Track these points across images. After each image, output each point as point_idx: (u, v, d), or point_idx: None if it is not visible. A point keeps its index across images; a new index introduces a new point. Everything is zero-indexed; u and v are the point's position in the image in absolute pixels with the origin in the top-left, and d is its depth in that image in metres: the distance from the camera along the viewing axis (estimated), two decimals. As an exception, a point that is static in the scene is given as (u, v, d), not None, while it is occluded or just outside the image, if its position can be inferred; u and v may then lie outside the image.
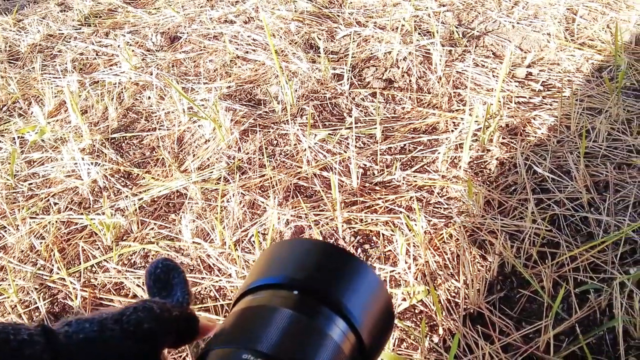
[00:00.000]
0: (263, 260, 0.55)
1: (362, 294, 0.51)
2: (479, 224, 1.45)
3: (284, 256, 0.54)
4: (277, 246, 0.56)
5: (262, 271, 0.53)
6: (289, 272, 0.51)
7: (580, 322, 1.26)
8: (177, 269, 0.55)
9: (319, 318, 0.47)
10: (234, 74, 2.06)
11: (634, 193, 1.46)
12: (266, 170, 1.66)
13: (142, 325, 0.48)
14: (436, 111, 1.84)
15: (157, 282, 0.55)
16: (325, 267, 0.52)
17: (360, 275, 0.52)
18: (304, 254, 0.54)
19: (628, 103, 1.77)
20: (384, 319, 0.53)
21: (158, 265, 0.55)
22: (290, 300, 0.48)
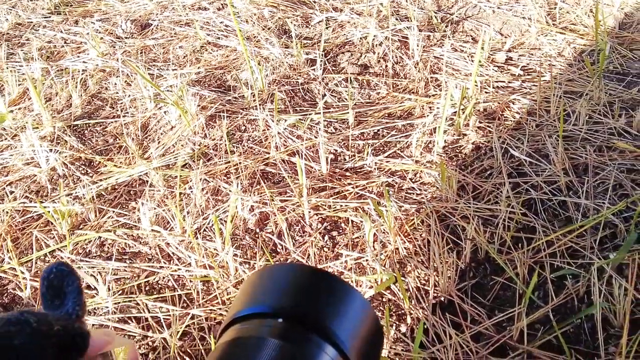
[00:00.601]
0: (249, 287, 0.53)
1: (350, 319, 0.50)
2: (451, 209, 1.38)
3: (269, 283, 0.52)
4: (262, 272, 0.54)
5: (248, 299, 0.51)
6: (275, 299, 0.50)
7: (557, 310, 1.19)
8: (71, 275, 0.52)
9: (307, 346, 0.46)
10: (204, 60, 1.98)
11: (614, 175, 1.39)
12: (233, 156, 1.59)
13: (12, 340, 0.44)
14: (412, 96, 1.77)
15: (50, 289, 0.51)
16: (311, 292, 0.50)
17: (347, 299, 0.50)
18: (290, 279, 0.52)
19: (610, 87, 1.70)
20: (373, 342, 0.52)
21: (52, 270, 0.51)
22: (278, 329, 0.47)
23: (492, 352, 1.12)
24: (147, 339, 1.22)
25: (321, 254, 1.33)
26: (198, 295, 1.28)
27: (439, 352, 1.12)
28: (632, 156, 1.46)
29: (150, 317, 1.25)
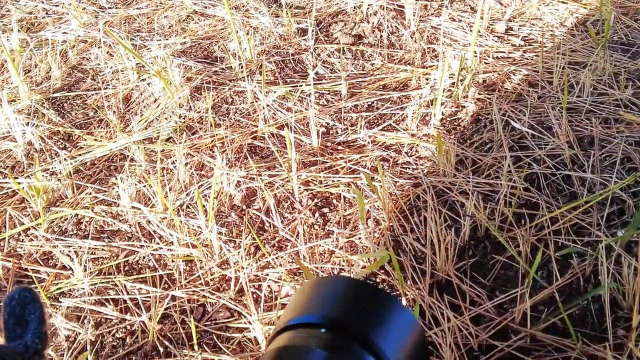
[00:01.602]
0: (299, 298, 0.54)
1: (396, 333, 0.50)
2: (449, 184, 1.30)
3: (319, 294, 0.53)
4: (313, 283, 0.54)
5: (298, 309, 0.52)
6: (323, 310, 0.50)
7: (562, 291, 1.11)
8: (34, 303, 0.49)
9: (350, 357, 0.46)
10: (190, 30, 1.89)
11: (622, 148, 1.32)
12: (219, 129, 1.50)
13: None
14: (408, 67, 1.68)
15: (12, 317, 0.48)
16: (357, 304, 0.50)
17: (394, 314, 0.50)
18: (339, 292, 0.52)
19: (615, 57, 1.62)
20: (418, 356, 0.51)
21: (14, 296, 0.49)
22: (324, 340, 0.47)
23: (493, 335, 1.05)
24: (124, 322, 1.14)
25: (311, 231, 1.26)
26: (180, 275, 1.21)
27: (436, 335, 1.05)
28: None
29: (129, 299, 1.18)
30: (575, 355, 1.01)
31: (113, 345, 1.11)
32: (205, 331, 1.11)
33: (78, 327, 1.14)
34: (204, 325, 1.12)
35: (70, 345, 1.12)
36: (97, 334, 1.13)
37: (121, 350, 1.10)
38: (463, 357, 1.02)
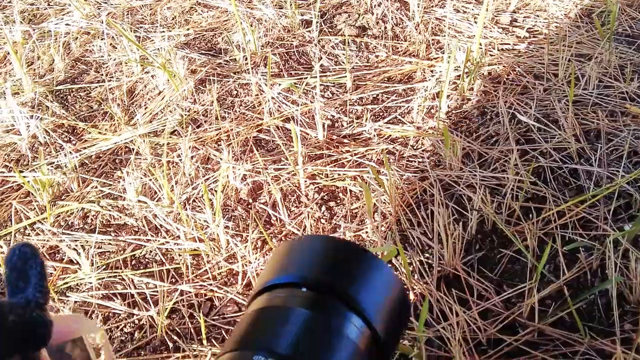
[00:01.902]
0: (276, 258, 0.53)
1: (377, 290, 0.50)
2: (456, 177, 1.30)
3: (297, 254, 0.52)
4: (290, 243, 0.54)
5: (276, 269, 0.51)
6: (302, 270, 0.50)
7: (569, 285, 1.11)
8: (35, 257, 0.48)
9: (334, 316, 0.46)
10: (194, 22, 1.88)
11: (629, 141, 1.31)
12: (224, 122, 1.50)
13: None
14: (413, 59, 1.68)
15: (14, 271, 0.47)
16: (338, 263, 0.51)
17: (373, 270, 0.50)
18: (318, 250, 0.52)
19: (620, 49, 1.61)
20: (399, 312, 0.52)
21: (15, 252, 0.48)
22: (304, 299, 0.47)
23: (500, 329, 1.05)
24: (133, 316, 1.15)
25: (318, 225, 1.26)
26: (187, 269, 1.21)
27: (444, 330, 1.05)
28: (646, 122, 1.38)
29: (137, 294, 1.18)
30: (583, 349, 1.01)
31: (122, 340, 1.12)
32: (213, 325, 1.11)
33: (86, 321, 1.14)
34: (212, 320, 1.12)
35: (79, 339, 1.12)
36: (105, 328, 1.13)
37: (130, 345, 1.10)
38: (471, 351, 1.02)
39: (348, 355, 0.45)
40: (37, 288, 0.47)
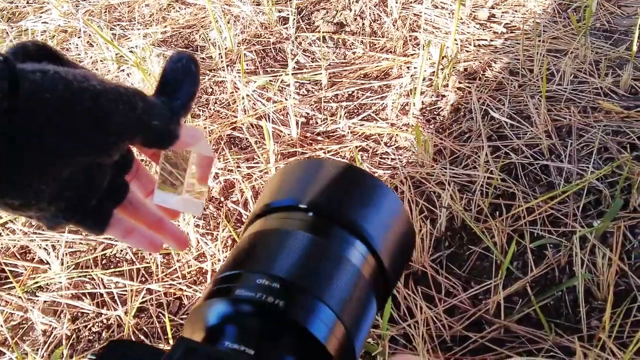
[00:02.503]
0: (277, 181, 0.51)
1: (381, 216, 0.48)
2: (427, 174, 1.30)
3: (298, 177, 0.51)
4: (291, 167, 0.52)
5: (276, 192, 0.50)
6: (304, 193, 0.48)
7: (537, 282, 1.12)
8: (195, 75, 0.49)
9: (336, 241, 0.45)
10: (171, 19, 1.88)
11: (599, 138, 1.32)
12: (198, 120, 1.50)
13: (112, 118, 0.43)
14: (390, 56, 1.67)
15: (172, 74, 0.48)
16: (342, 187, 0.49)
17: (379, 196, 0.49)
18: (320, 174, 0.50)
19: (597, 44, 1.61)
20: (404, 241, 0.50)
21: (182, 59, 0.49)
22: (306, 222, 0.46)
23: (467, 327, 1.06)
24: (101, 316, 1.15)
25: (288, 223, 1.25)
26: (157, 268, 1.21)
27: (410, 327, 1.05)
28: (618, 117, 1.38)
29: (105, 293, 1.18)
30: (547, 346, 1.02)
31: (89, 339, 1.12)
32: (181, 324, 1.11)
33: (54, 321, 1.14)
34: (180, 319, 1.12)
35: (47, 339, 1.12)
36: (73, 328, 1.13)
37: (97, 345, 1.10)
38: (436, 348, 1.02)
39: (351, 280, 0.43)
40: (185, 103, 0.48)
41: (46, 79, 0.41)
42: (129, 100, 0.44)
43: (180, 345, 0.36)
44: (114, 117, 0.43)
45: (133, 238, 0.52)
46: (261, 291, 0.40)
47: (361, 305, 0.44)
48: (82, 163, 0.44)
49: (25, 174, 0.41)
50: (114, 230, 0.51)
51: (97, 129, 0.42)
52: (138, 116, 0.44)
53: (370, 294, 0.45)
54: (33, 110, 0.40)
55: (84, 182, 0.46)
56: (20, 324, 1.14)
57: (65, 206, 0.46)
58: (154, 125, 0.46)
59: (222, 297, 0.41)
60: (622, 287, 1.10)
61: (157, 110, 0.47)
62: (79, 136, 0.42)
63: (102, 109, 0.42)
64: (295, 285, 0.41)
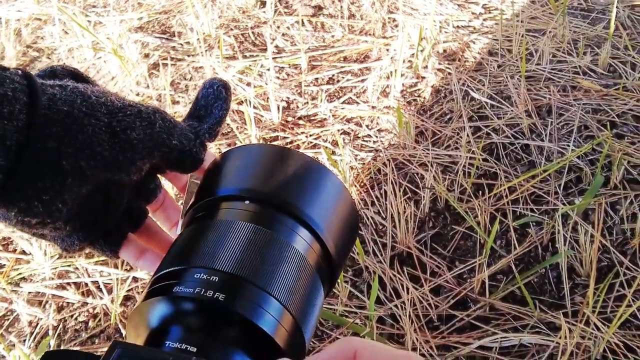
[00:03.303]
0: (214, 171, 0.50)
1: (324, 200, 0.47)
2: (409, 156, 1.30)
3: (235, 164, 0.49)
4: (229, 153, 0.50)
5: (214, 182, 0.48)
6: (243, 181, 0.47)
7: (520, 259, 1.13)
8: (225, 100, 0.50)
9: (279, 228, 0.44)
10: (147, 5, 1.86)
11: (579, 116, 1.33)
12: (178, 106, 1.49)
13: (129, 133, 0.43)
14: (369, 38, 1.67)
15: (203, 99, 0.50)
16: (282, 173, 0.48)
17: (320, 180, 0.48)
18: (258, 160, 0.49)
19: (575, 24, 1.63)
20: (349, 225, 0.49)
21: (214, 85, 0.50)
22: (246, 211, 0.44)
23: (452, 305, 1.07)
24: (87, 305, 1.14)
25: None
26: (141, 256, 1.20)
27: (397, 307, 1.06)
28: (597, 96, 1.40)
29: (90, 282, 1.17)
30: (532, 322, 1.03)
31: (76, 329, 1.11)
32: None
33: (40, 312, 1.13)
34: (167, 306, 1.12)
35: (33, 330, 1.11)
36: (59, 318, 1.12)
37: (84, 334, 1.10)
38: (423, 328, 1.03)
39: (296, 268, 0.42)
40: (211, 128, 0.49)
41: (65, 94, 0.41)
42: (148, 118, 0.45)
43: (114, 350, 0.34)
44: (132, 134, 0.43)
45: (146, 260, 0.51)
46: (200, 286, 0.39)
47: (308, 292, 0.43)
48: (100, 181, 0.43)
49: (43, 191, 0.40)
50: (127, 252, 0.51)
51: (114, 145, 0.42)
52: (157, 133, 0.45)
53: (317, 281, 0.44)
54: (51, 124, 0.40)
55: (100, 203, 0.46)
56: (5, 316, 1.13)
57: (80, 226, 0.45)
58: (174, 145, 0.46)
59: (162, 296, 0.39)
60: (605, 263, 1.12)
61: (178, 131, 0.47)
62: (95, 151, 0.42)
63: (119, 124, 0.43)
64: (236, 277, 0.40)
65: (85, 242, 0.47)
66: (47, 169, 0.40)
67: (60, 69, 0.47)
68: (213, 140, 0.49)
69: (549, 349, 0.99)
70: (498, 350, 1.00)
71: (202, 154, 0.49)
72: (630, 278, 1.09)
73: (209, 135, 0.49)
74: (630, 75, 1.45)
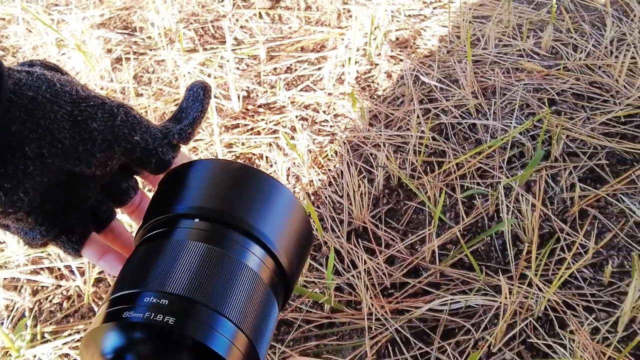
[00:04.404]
0: (163, 187, 0.49)
1: (276, 214, 0.47)
2: (364, 138, 1.38)
3: (185, 181, 0.48)
4: (177, 171, 0.49)
5: (163, 201, 0.47)
6: (192, 198, 0.46)
7: (468, 230, 1.21)
8: (202, 102, 0.49)
9: (231, 246, 0.43)
10: (108, 2, 1.91)
11: (520, 95, 1.42)
12: (142, 99, 1.54)
13: (89, 124, 0.43)
14: (324, 28, 1.74)
15: (184, 101, 0.50)
16: (233, 189, 0.46)
17: (272, 195, 0.47)
18: (208, 176, 0.48)
19: (519, 9, 1.71)
20: (302, 237, 0.49)
21: (195, 88, 0.50)
22: (196, 230, 0.44)
23: (405, 274, 1.15)
24: (60, 288, 1.20)
25: (235, 191, 1.32)
26: (112, 241, 1.26)
27: (354, 277, 1.13)
28: (539, 76, 1.49)
29: (63, 267, 1.22)
30: (479, 285, 1.11)
31: (51, 310, 1.17)
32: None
33: (16, 296, 1.18)
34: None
35: (10, 313, 1.16)
36: (34, 300, 1.18)
37: (59, 315, 1.15)
38: (378, 295, 1.11)
39: (249, 286, 0.42)
40: (183, 129, 0.48)
41: (31, 79, 0.42)
42: (110, 110, 0.44)
43: None
44: (92, 124, 0.43)
45: (107, 261, 0.51)
46: (150, 310, 0.38)
47: (262, 310, 0.43)
48: (61, 171, 0.43)
49: (5, 178, 0.40)
50: (90, 250, 0.50)
51: (74, 134, 0.42)
52: (117, 127, 0.44)
53: (270, 297, 0.44)
54: (15, 108, 0.40)
55: (63, 196, 0.45)
56: (-19, 301, 1.19)
57: (42, 219, 0.45)
58: (136, 141, 0.45)
59: (113, 322, 0.39)
60: (546, 230, 1.20)
61: (143, 128, 0.46)
62: (56, 138, 0.41)
63: (81, 113, 0.42)
64: (187, 299, 0.39)
65: (48, 236, 0.47)
66: (10, 155, 0.40)
67: (39, 63, 0.47)
68: (186, 142, 0.49)
69: (494, 309, 1.08)
70: (448, 312, 1.08)
71: (169, 154, 0.48)
72: (570, 243, 1.18)
73: (179, 137, 0.48)
74: (571, 56, 1.54)
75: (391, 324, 1.07)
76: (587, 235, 1.18)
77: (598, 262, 1.15)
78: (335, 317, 1.09)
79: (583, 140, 1.33)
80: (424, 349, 1.04)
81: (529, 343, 1.05)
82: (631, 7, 1.68)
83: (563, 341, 1.04)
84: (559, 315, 1.08)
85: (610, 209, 1.22)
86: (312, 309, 1.11)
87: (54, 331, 1.12)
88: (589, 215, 1.21)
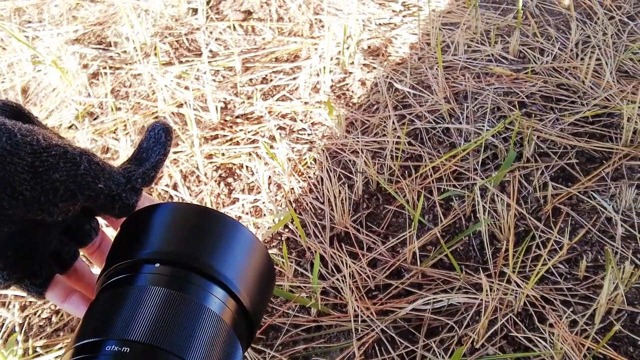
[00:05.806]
0: (124, 232, 0.49)
1: (236, 256, 0.47)
2: (341, 145, 1.41)
3: (144, 225, 0.48)
4: (137, 215, 0.49)
5: (123, 247, 0.47)
6: (153, 243, 0.46)
7: (447, 231, 1.25)
8: (164, 145, 0.50)
9: (192, 290, 0.43)
10: (81, 17, 1.92)
11: (491, 99, 1.46)
12: (120, 113, 1.56)
13: (51, 175, 0.42)
14: (298, 39, 1.77)
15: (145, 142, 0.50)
16: (193, 232, 0.47)
17: (232, 236, 0.47)
18: (169, 220, 0.48)
19: (487, 15, 1.76)
20: (264, 276, 0.49)
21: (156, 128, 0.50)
22: (157, 275, 0.44)
23: (388, 276, 1.18)
24: (48, 303, 1.20)
25: (218, 200, 1.34)
26: (97, 254, 1.27)
27: (338, 281, 1.16)
28: (508, 80, 1.53)
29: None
30: (460, 284, 1.15)
31: (40, 325, 1.18)
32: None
33: (5, 312, 1.19)
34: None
35: (0, 328, 1.17)
36: (23, 316, 1.19)
37: (49, 329, 1.16)
38: (363, 297, 1.14)
39: (211, 330, 0.42)
40: (145, 173, 0.48)
41: None
42: (73, 159, 0.44)
43: None
44: (54, 175, 0.42)
45: (72, 303, 0.50)
46: (112, 359, 0.38)
47: (225, 353, 0.43)
48: (22, 221, 0.43)
49: None
50: (53, 293, 0.50)
51: (36, 186, 0.42)
52: (81, 175, 0.44)
53: (233, 339, 0.44)
54: None
55: (26, 243, 0.45)
56: (-32, 319, 1.19)
57: (4, 265, 0.45)
58: (99, 189, 0.45)
59: None
60: (522, 228, 1.25)
61: (107, 174, 0.46)
62: (17, 190, 0.41)
63: (42, 164, 0.42)
64: (149, 346, 0.39)
65: (10, 280, 0.46)
66: None
67: (1, 104, 0.47)
68: (148, 185, 0.49)
69: (475, 306, 1.11)
70: (431, 311, 1.12)
71: (133, 199, 0.48)
72: (545, 240, 1.22)
73: (142, 181, 0.48)
74: (538, 60, 1.60)
75: (377, 324, 1.10)
76: (561, 232, 1.22)
77: (573, 257, 1.19)
78: (322, 320, 1.12)
79: (553, 141, 1.38)
80: (409, 347, 1.08)
81: (510, 338, 1.08)
82: (594, 10, 1.74)
83: (543, 334, 1.08)
84: (538, 310, 1.12)
85: (582, 206, 1.27)
86: (300, 314, 1.13)
87: (45, 345, 1.13)
88: (562, 212, 1.25)
